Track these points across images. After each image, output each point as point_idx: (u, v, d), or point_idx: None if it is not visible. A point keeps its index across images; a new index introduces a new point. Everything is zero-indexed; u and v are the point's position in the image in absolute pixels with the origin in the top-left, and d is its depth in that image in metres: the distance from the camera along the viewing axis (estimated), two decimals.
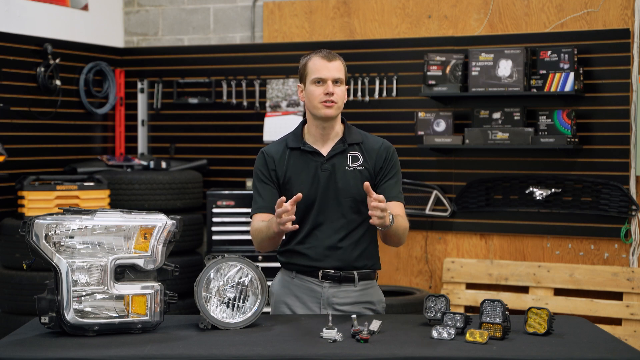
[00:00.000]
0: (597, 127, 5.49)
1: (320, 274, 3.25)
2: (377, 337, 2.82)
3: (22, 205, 5.44)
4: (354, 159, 3.27)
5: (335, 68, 3.21)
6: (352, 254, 3.24)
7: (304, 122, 3.35)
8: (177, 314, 3.93)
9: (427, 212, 5.86)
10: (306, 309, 3.28)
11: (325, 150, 3.27)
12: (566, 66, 5.35)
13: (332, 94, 3.18)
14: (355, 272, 3.26)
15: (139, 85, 6.57)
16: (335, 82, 3.21)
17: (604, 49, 5.45)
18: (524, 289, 5.66)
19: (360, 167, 3.26)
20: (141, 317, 2.92)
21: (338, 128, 3.30)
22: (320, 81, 3.20)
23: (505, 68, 5.50)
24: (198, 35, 6.61)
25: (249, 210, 3.37)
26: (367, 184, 3.02)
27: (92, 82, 6.31)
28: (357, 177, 3.24)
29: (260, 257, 5.52)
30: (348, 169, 3.25)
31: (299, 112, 6.13)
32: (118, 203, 5.71)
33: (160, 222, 2.97)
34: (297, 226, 3.05)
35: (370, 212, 3.02)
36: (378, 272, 3.38)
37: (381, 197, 3.00)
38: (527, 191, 5.64)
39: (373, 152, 3.28)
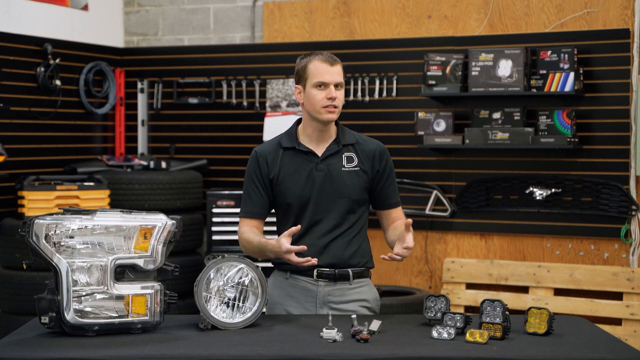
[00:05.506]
0: (597, 127, 5.49)
1: (315, 273, 3.26)
2: (377, 337, 2.82)
3: (22, 205, 5.44)
4: (349, 159, 3.29)
5: (337, 72, 3.24)
6: (345, 252, 3.25)
7: (298, 122, 3.37)
8: (177, 314, 3.93)
9: (427, 212, 5.86)
10: (302, 309, 3.28)
11: (319, 151, 3.29)
12: (566, 66, 5.35)
13: (335, 99, 3.21)
14: (349, 270, 3.28)
15: (139, 85, 6.57)
16: (336, 86, 3.24)
17: (604, 49, 5.45)
18: (524, 289, 5.66)
19: (356, 168, 3.29)
20: (141, 317, 2.92)
21: (332, 129, 3.33)
22: (322, 85, 3.22)
23: (505, 68, 5.50)
24: (198, 35, 6.61)
25: None
26: (410, 221, 3.08)
27: (92, 82, 6.31)
28: (353, 178, 3.27)
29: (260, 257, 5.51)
30: (344, 169, 3.27)
31: (299, 112, 6.12)
32: (118, 203, 5.71)
33: (160, 222, 2.97)
34: (315, 261, 3.08)
35: (396, 253, 3.06)
36: (372, 270, 3.41)
37: (410, 244, 3.05)
38: (527, 191, 5.63)
39: (369, 154, 3.31)
